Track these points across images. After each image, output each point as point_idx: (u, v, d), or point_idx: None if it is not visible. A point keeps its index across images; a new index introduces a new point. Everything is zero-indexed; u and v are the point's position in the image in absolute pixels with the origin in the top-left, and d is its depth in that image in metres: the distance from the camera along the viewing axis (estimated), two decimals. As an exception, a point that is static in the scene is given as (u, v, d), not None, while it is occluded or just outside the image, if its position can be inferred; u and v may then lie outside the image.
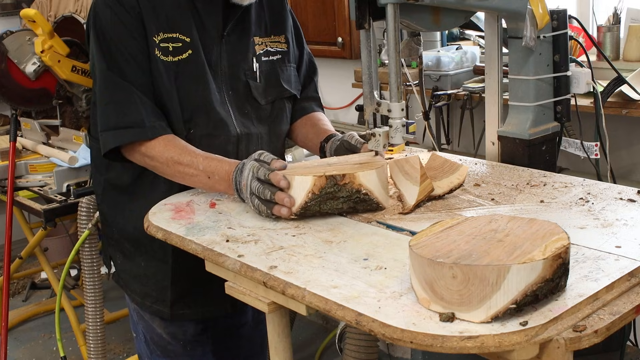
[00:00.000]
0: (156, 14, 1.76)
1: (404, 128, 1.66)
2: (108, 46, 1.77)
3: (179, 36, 1.78)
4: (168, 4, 1.78)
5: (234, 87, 1.87)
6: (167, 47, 1.77)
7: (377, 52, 1.78)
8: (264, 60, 1.92)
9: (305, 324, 3.66)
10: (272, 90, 1.94)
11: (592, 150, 2.10)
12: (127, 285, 2.00)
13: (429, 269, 1.13)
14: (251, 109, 1.90)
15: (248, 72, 1.89)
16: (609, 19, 2.75)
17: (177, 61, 1.77)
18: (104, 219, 2.02)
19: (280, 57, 1.97)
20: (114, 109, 1.76)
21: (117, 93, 1.75)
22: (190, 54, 1.79)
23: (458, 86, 2.90)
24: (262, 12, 1.94)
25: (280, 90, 1.96)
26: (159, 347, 2.01)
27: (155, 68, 1.77)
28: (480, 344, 1.06)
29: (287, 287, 1.29)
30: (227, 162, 1.70)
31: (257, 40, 1.92)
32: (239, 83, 1.88)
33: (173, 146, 1.74)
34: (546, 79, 1.90)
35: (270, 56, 1.94)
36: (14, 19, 4.32)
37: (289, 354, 1.54)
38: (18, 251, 3.48)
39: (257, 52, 1.91)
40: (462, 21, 1.90)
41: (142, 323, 2.01)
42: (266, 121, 1.94)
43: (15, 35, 3.00)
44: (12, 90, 3.05)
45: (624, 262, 1.28)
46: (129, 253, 1.96)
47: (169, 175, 1.78)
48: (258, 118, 1.92)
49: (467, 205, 1.61)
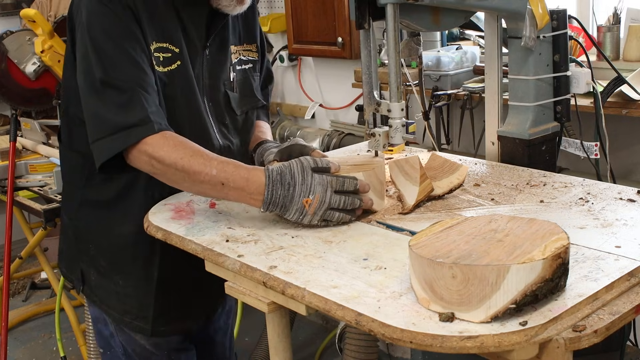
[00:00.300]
0: (152, 21, 1.72)
1: (403, 128, 1.66)
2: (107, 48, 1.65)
3: (169, 46, 1.74)
4: (160, 14, 1.74)
5: (214, 98, 1.84)
6: (159, 57, 1.72)
7: (377, 52, 1.78)
8: (239, 69, 1.91)
9: (305, 324, 3.66)
10: (246, 100, 1.92)
11: (592, 150, 2.10)
12: (102, 302, 1.92)
13: (428, 268, 1.13)
14: (229, 119, 1.88)
15: (226, 83, 1.87)
16: (609, 19, 2.75)
17: (167, 72, 1.73)
18: (77, 234, 1.92)
19: (252, 66, 1.95)
20: (115, 111, 1.63)
21: (118, 95, 1.63)
22: (179, 65, 1.75)
23: (458, 86, 2.90)
24: (236, 19, 1.91)
25: (253, 100, 1.95)
26: (142, 358, 1.96)
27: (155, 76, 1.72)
28: (480, 344, 1.06)
29: (287, 287, 1.29)
30: (246, 169, 1.58)
31: (232, 49, 1.89)
32: (218, 94, 1.85)
33: (183, 147, 1.61)
34: (546, 79, 1.90)
35: (243, 65, 1.92)
36: (14, 19, 4.32)
37: (289, 354, 1.54)
38: (18, 251, 3.48)
39: (233, 61, 1.89)
40: (462, 21, 1.90)
41: (122, 336, 1.94)
42: (241, 132, 1.92)
43: (15, 35, 3.01)
44: (12, 90, 3.05)
45: (624, 262, 1.28)
46: (104, 270, 1.88)
47: (174, 182, 1.64)
48: (235, 129, 1.90)
49: (467, 205, 1.61)
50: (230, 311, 2.21)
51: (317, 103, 3.76)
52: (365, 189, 1.57)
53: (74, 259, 1.97)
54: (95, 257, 1.89)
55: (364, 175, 1.58)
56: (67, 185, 1.95)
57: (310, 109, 3.76)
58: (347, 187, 1.54)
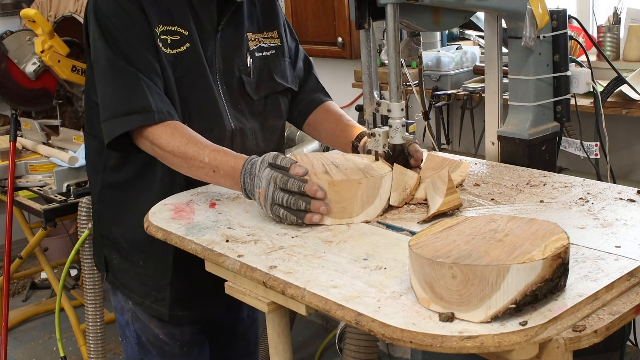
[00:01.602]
0: (157, 4, 1.77)
1: (403, 128, 1.66)
2: (112, 34, 1.75)
3: (178, 29, 1.78)
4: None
5: (228, 82, 1.87)
6: (167, 39, 1.77)
7: (377, 52, 1.78)
8: (258, 56, 1.93)
9: (305, 324, 3.66)
10: (264, 85, 1.94)
11: (592, 150, 2.10)
12: (124, 286, 1.98)
13: (428, 268, 1.13)
14: (244, 104, 1.91)
15: (242, 68, 1.90)
16: (609, 19, 2.75)
17: (176, 54, 1.78)
18: (99, 218, 2.01)
19: (274, 52, 1.97)
20: (119, 95, 1.72)
21: (123, 79, 1.72)
22: (188, 47, 1.79)
23: (458, 86, 2.90)
24: (253, 8, 1.95)
25: (272, 85, 1.96)
26: (155, 348, 2.00)
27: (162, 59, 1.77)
28: (480, 344, 1.06)
29: (287, 287, 1.29)
30: (233, 157, 1.66)
31: (250, 37, 1.92)
32: (232, 78, 1.88)
33: (180, 135, 1.70)
34: (546, 79, 1.90)
35: (264, 52, 1.95)
36: (14, 19, 4.32)
37: (289, 354, 1.54)
38: (18, 251, 3.48)
39: (251, 48, 1.92)
40: (462, 21, 1.89)
41: (137, 324, 1.99)
42: (259, 116, 1.94)
43: (15, 35, 3.01)
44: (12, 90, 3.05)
45: (624, 262, 1.28)
46: (126, 252, 1.94)
47: (174, 166, 1.74)
48: (251, 113, 1.92)
49: (467, 205, 1.61)
50: None
51: (317, 103, 3.75)
52: (316, 194, 1.51)
53: (98, 245, 2.04)
54: (117, 239, 1.95)
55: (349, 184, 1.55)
56: (90, 172, 2.01)
57: (310, 109, 3.75)
58: (290, 187, 1.52)
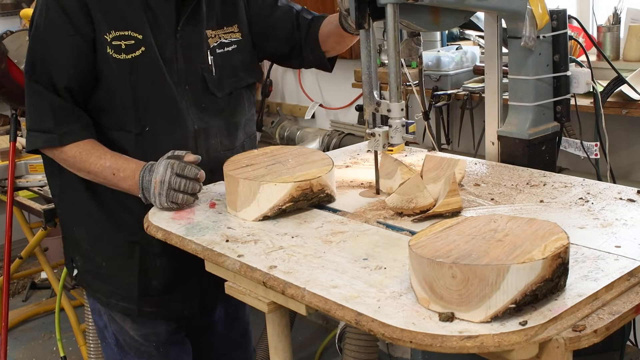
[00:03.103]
0: (106, 11, 1.76)
1: (403, 128, 1.66)
2: (33, 45, 1.79)
3: (131, 33, 1.77)
4: (121, 3, 1.78)
5: (191, 82, 1.87)
6: (120, 45, 1.76)
7: (377, 52, 1.77)
8: (219, 52, 1.92)
9: (305, 324, 3.66)
10: (227, 81, 1.94)
11: (592, 150, 2.10)
12: (90, 286, 1.99)
13: (428, 268, 1.13)
14: (208, 102, 1.91)
15: (204, 66, 1.89)
16: (609, 19, 2.75)
17: (131, 58, 1.77)
18: (62, 220, 2.02)
19: (236, 47, 1.96)
20: (29, 112, 1.82)
21: (31, 97, 1.79)
22: (144, 51, 1.78)
23: (458, 86, 2.90)
24: (212, 3, 1.93)
25: (236, 80, 1.96)
26: (132, 349, 2.00)
27: (107, 67, 1.77)
28: (480, 344, 1.06)
29: (287, 287, 1.29)
30: (135, 162, 1.76)
31: (209, 34, 1.91)
32: (195, 77, 1.88)
33: (83, 145, 1.78)
34: (546, 79, 1.90)
35: (226, 47, 1.93)
36: (14, 19, 4.32)
37: (289, 354, 1.54)
38: (18, 251, 3.47)
39: (211, 45, 1.91)
40: (461, 21, 1.89)
41: (113, 326, 1.99)
42: (224, 113, 1.94)
43: (15, 35, 3.01)
44: (12, 90, 3.05)
45: (624, 261, 1.28)
46: (87, 253, 1.95)
47: (80, 172, 1.80)
48: (215, 111, 1.92)
49: (466, 205, 1.61)
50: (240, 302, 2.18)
51: (317, 103, 3.76)
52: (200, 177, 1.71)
53: (65, 248, 2.05)
54: (78, 241, 1.96)
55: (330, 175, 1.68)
56: (48, 175, 2.01)
57: (310, 109, 3.76)
58: (187, 173, 1.69)
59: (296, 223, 1.58)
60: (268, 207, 1.60)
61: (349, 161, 2.05)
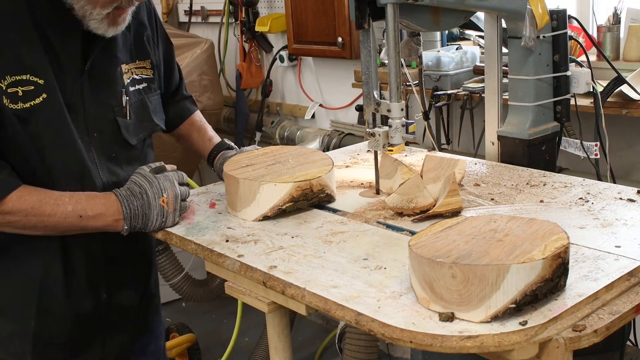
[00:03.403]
0: (2, 52, 1.49)
1: (403, 128, 1.66)
2: None
3: (31, 78, 1.51)
4: (16, 42, 1.51)
5: (100, 129, 1.65)
6: (16, 91, 1.50)
7: (377, 52, 1.78)
8: (132, 90, 1.71)
9: (305, 324, 3.66)
10: (143, 125, 1.75)
11: (592, 150, 2.10)
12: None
13: (428, 268, 1.13)
14: (120, 150, 1.69)
15: (117, 109, 1.67)
16: (609, 19, 2.75)
17: (30, 107, 1.51)
18: None
19: (147, 86, 1.76)
20: None
21: None
22: (45, 98, 1.53)
23: (458, 86, 2.89)
24: (127, 34, 1.70)
25: (151, 125, 1.78)
26: None
27: (6, 118, 1.50)
28: (480, 344, 1.06)
29: (287, 287, 1.29)
30: (97, 195, 1.58)
31: (124, 69, 1.69)
32: (105, 123, 1.65)
33: (29, 194, 1.53)
34: (546, 79, 1.90)
35: (137, 84, 1.73)
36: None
37: (289, 354, 1.54)
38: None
39: (125, 82, 1.69)
40: (461, 21, 1.90)
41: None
42: (137, 162, 1.72)
43: None
44: None
45: (624, 261, 1.28)
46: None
47: (32, 229, 1.55)
48: (127, 160, 1.71)
49: (467, 205, 1.61)
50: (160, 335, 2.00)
51: (317, 103, 3.76)
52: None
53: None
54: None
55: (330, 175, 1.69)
56: None
57: (310, 109, 3.76)
58: (182, 180, 1.65)
59: (296, 223, 1.58)
60: (268, 207, 1.60)
61: (349, 161, 2.05)
